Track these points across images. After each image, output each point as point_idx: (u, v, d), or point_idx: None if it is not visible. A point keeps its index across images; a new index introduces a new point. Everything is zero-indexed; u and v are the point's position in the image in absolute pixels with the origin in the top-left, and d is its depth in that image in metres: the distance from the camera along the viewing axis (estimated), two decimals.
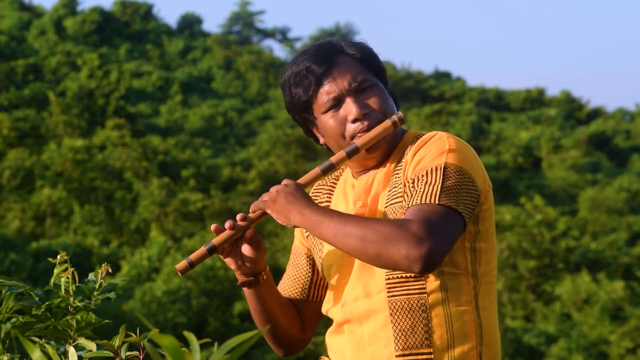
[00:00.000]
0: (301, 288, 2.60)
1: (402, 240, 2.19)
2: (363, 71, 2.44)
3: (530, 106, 67.37)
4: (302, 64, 2.44)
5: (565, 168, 52.03)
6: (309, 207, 2.33)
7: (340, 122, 2.43)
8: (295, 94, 2.46)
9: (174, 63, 66.32)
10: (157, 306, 27.86)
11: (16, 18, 64.60)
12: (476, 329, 2.35)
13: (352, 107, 2.41)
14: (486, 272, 2.39)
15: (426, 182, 2.29)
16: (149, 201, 36.77)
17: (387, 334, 2.34)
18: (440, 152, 2.33)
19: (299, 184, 2.39)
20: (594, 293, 33.39)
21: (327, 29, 73.99)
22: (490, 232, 2.40)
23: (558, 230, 36.62)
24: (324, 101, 2.43)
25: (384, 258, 2.21)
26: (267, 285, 2.53)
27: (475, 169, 2.34)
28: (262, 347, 26.77)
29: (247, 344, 1.36)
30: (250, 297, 2.54)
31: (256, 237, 2.46)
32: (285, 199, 2.35)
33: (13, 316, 2.25)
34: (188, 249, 32.34)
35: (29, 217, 36.48)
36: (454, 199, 2.26)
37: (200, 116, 54.75)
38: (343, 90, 2.42)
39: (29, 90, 50.19)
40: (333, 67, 2.43)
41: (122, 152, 40.20)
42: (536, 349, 30.41)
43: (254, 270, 2.50)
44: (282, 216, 2.35)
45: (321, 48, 2.46)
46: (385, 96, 2.45)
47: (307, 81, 2.43)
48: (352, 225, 2.25)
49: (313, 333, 2.63)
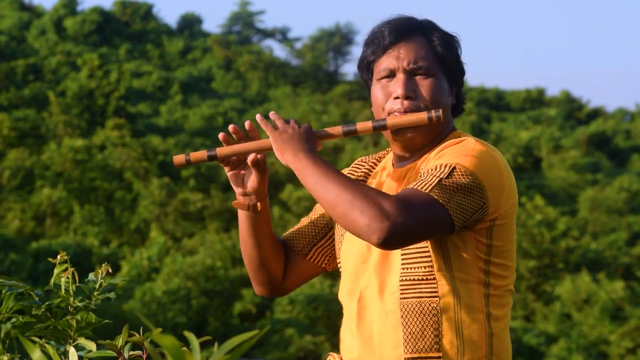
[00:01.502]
0: (305, 243, 2.59)
1: (369, 209, 2.19)
2: (431, 59, 2.44)
3: (530, 106, 67.36)
4: (380, 26, 2.47)
5: (565, 168, 52.04)
6: (304, 151, 2.34)
7: (386, 94, 2.44)
8: (364, 52, 2.49)
9: (174, 63, 66.32)
10: (157, 306, 27.86)
11: (16, 18, 64.59)
12: (486, 339, 2.33)
13: (399, 86, 2.42)
14: (500, 286, 2.37)
15: (429, 173, 2.30)
16: (149, 201, 36.77)
17: (397, 336, 2.33)
18: (459, 154, 2.32)
19: (312, 130, 2.40)
20: (594, 293, 33.40)
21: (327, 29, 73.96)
22: (507, 249, 2.37)
23: (558, 230, 36.63)
24: (381, 69, 2.45)
25: (348, 219, 2.22)
26: (262, 215, 2.52)
27: (491, 181, 2.31)
28: (262, 347, 26.77)
29: (247, 344, 1.36)
30: (242, 221, 2.54)
31: (262, 163, 2.47)
32: (290, 136, 2.37)
33: (13, 316, 2.25)
34: (188, 249, 32.36)
35: (29, 217, 36.48)
36: (446, 195, 2.25)
37: (200, 116, 54.75)
38: (400, 66, 2.43)
39: (29, 90, 50.18)
40: (404, 41, 2.44)
41: (122, 152, 40.20)
42: (536, 349, 30.41)
43: (254, 194, 2.51)
44: (278, 149, 2.37)
45: (405, 20, 2.48)
46: (440, 89, 2.43)
47: (376, 44, 2.46)
48: (334, 181, 2.27)
49: (295, 287, 2.62)
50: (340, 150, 42.20)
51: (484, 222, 2.33)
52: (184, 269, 29.21)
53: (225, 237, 31.80)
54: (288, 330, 27.14)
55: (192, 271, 29.11)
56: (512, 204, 2.37)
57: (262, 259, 2.55)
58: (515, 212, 2.39)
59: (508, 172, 2.36)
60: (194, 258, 29.92)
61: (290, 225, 33.01)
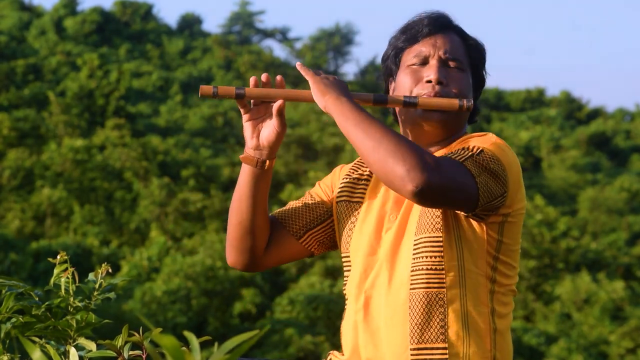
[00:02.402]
0: (301, 226, 2.56)
1: (411, 158, 2.20)
2: (465, 56, 2.48)
3: (530, 106, 67.37)
4: (420, 16, 2.50)
5: (565, 168, 52.04)
6: (347, 97, 2.34)
7: (416, 79, 2.45)
8: (397, 38, 2.50)
9: (174, 63, 66.33)
10: (157, 306, 27.86)
11: (16, 18, 64.60)
12: (491, 334, 2.34)
13: (433, 71, 2.44)
14: (504, 285, 2.39)
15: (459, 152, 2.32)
16: (149, 201, 36.78)
17: (404, 327, 2.34)
18: (484, 142, 2.36)
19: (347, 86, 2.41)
20: (594, 293, 33.40)
21: (327, 29, 73.99)
22: (514, 249, 2.40)
23: (558, 230, 36.64)
24: (414, 54, 2.46)
25: (386, 166, 2.22)
26: (265, 176, 2.49)
27: (512, 172, 2.35)
28: (262, 347, 26.78)
29: (247, 344, 1.36)
30: (243, 177, 2.49)
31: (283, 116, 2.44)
32: (332, 82, 2.38)
33: (13, 316, 2.25)
34: (188, 249, 32.36)
35: (29, 217, 36.48)
36: (477, 170, 2.28)
37: (200, 116, 54.75)
38: (435, 54, 2.45)
39: (29, 90, 50.17)
40: (441, 33, 2.47)
41: (122, 152, 40.20)
42: (536, 349, 30.41)
43: (264, 150, 2.47)
44: (319, 92, 2.36)
45: (445, 17, 2.51)
46: (469, 85, 2.47)
47: (413, 31, 2.48)
48: (376, 127, 2.27)
49: (273, 264, 2.57)
50: (341, 150, 42.21)
51: (498, 215, 2.35)
52: (184, 269, 29.21)
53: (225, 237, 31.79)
54: (288, 330, 27.14)
55: (192, 271, 29.11)
56: (523, 206, 2.41)
57: (253, 224, 2.50)
58: (524, 215, 2.42)
59: (521, 172, 2.41)
60: (194, 258, 29.92)
61: None
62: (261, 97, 2.42)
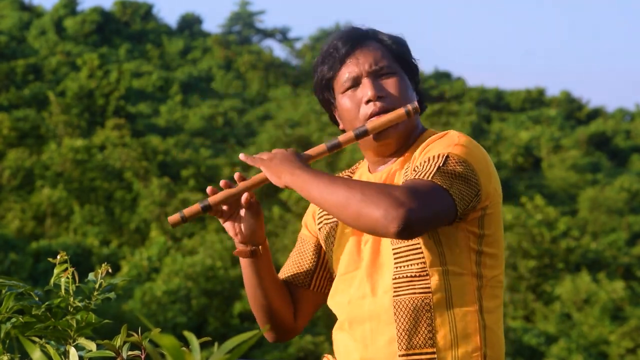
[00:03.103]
0: (304, 276, 2.59)
1: (383, 200, 2.19)
2: (388, 58, 2.46)
3: (530, 106, 67.37)
4: (331, 42, 2.48)
5: (565, 168, 52.04)
6: (300, 168, 2.34)
7: (356, 103, 2.44)
8: (320, 71, 2.49)
9: (174, 63, 66.33)
10: (157, 306, 27.85)
11: (16, 18, 64.60)
12: (480, 331, 2.34)
13: (368, 88, 2.42)
14: (491, 277, 2.38)
15: (425, 165, 2.31)
16: (149, 201, 36.78)
17: (391, 334, 2.34)
18: (447, 145, 2.34)
19: (298, 152, 2.41)
20: (594, 293, 33.39)
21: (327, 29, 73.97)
22: (496, 237, 2.39)
23: (558, 230, 36.63)
24: (344, 80, 2.46)
25: (362, 216, 2.21)
26: (264, 259, 2.52)
27: (481, 167, 2.34)
28: (262, 347, 26.77)
29: (247, 344, 1.36)
30: (245, 269, 2.53)
31: (256, 203, 2.47)
32: (280, 160, 2.37)
33: (13, 316, 2.25)
34: (188, 249, 32.36)
35: (29, 217, 36.48)
36: (447, 181, 2.27)
37: (200, 116, 54.75)
38: (363, 72, 2.44)
39: (29, 90, 50.18)
40: (358, 48, 2.46)
41: (122, 152, 40.21)
42: (536, 349, 30.41)
43: (252, 240, 2.50)
44: (273, 175, 2.36)
45: (353, 30, 2.50)
46: (405, 86, 2.46)
47: (332, 59, 2.47)
48: (340, 186, 2.26)
49: (306, 323, 2.62)
50: (340, 150, 42.19)
51: (477, 210, 2.35)
52: (184, 269, 29.21)
53: (225, 237, 31.80)
54: None
55: (192, 271, 29.10)
56: (499, 191, 2.40)
57: (272, 304, 2.55)
58: (501, 199, 2.42)
59: (490, 160, 2.40)
60: (194, 258, 29.92)
61: (291, 225, 33.00)
62: (225, 199, 2.44)
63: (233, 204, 2.48)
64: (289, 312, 2.57)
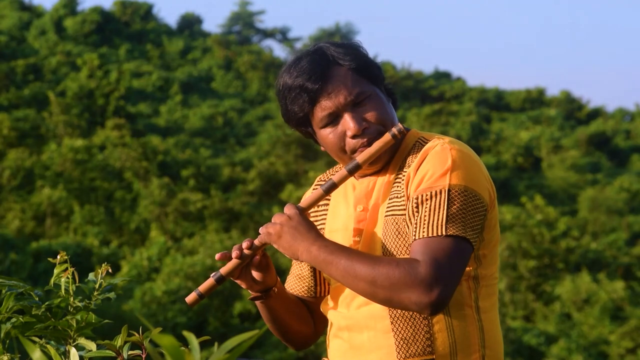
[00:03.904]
0: (307, 287, 2.59)
1: (411, 287, 2.17)
2: (358, 82, 2.36)
3: (530, 106, 67.36)
4: (296, 80, 2.36)
5: (565, 168, 52.04)
6: (315, 243, 2.29)
7: (340, 137, 2.37)
8: (290, 109, 2.39)
9: (174, 63, 66.32)
10: (157, 306, 27.85)
11: (16, 18, 64.59)
12: (478, 333, 2.34)
13: (350, 123, 2.34)
14: (487, 275, 2.37)
15: (430, 207, 2.24)
16: (149, 201, 36.77)
17: (389, 342, 2.33)
18: (443, 172, 2.27)
19: (302, 213, 2.34)
20: (594, 293, 33.38)
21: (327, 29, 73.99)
22: (493, 238, 2.37)
23: (558, 230, 36.61)
24: (321, 117, 2.37)
25: (394, 303, 2.21)
26: (278, 297, 2.51)
27: (480, 183, 2.30)
28: (262, 347, 26.77)
29: (247, 344, 1.36)
30: (262, 309, 2.53)
31: (265, 259, 2.44)
32: (290, 235, 2.31)
33: (13, 316, 2.25)
34: (188, 249, 32.35)
35: (29, 217, 36.48)
36: (460, 225, 2.22)
37: (200, 116, 54.75)
38: (339, 106, 2.35)
39: (29, 90, 50.18)
40: (327, 82, 2.35)
41: (122, 152, 40.20)
42: (536, 349, 30.40)
43: (265, 287, 2.49)
44: (288, 252, 2.32)
45: (314, 62, 2.37)
46: (383, 106, 2.38)
47: (301, 99, 2.36)
48: (362, 267, 2.22)
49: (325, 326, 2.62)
50: None
51: None
52: (184, 269, 29.20)
53: (225, 237, 31.79)
54: None
55: (192, 271, 29.10)
56: (494, 194, 2.36)
57: (292, 329, 2.56)
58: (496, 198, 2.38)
59: (481, 163, 2.36)
60: (194, 258, 29.92)
61: None
62: (235, 268, 2.41)
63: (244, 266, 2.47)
64: (309, 326, 2.59)
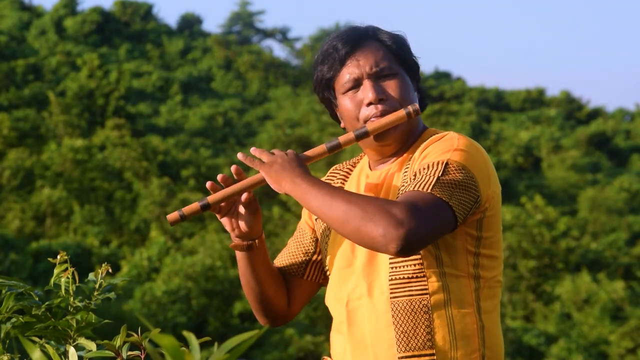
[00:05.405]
0: (298, 265, 2.60)
1: (382, 219, 2.18)
2: (389, 59, 2.45)
3: (530, 106, 67.36)
4: (331, 42, 2.47)
5: (565, 168, 52.05)
6: (301, 176, 2.33)
7: (357, 104, 2.44)
8: (320, 70, 2.48)
9: (174, 63, 66.32)
10: (157, 306, 27.85)
11: (16, 18, 64.59)
12: (478, 332, 2.34)
13: (369, 91, 2.42)
14: (489, 277, 2.38)
15: (424, 174, 2.29)
16: (149, 201, 36.77)
17: (390, 336, 2.34)
18: (446, 150, 2.33)
19: (299, 155, 2.40)
20: (594, 293, 33.39)
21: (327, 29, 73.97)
22: (495, 239, 2.38)
23: (558, 230, 36.61)
24: (344, 81, 2.45)
25: (362, 233, 2.21)
26: (259, 251, 2.53)
27: (481, 172, 2.33)
28: (262, 347, 26.77)
29: (247, 344, 1.36)
30: (241, 260, 2.55)
31: (254, 201, 2.48)
32: (281, 166, 2.36)
33: (13, 316, 2.25)
34: (188, 249, 32.36)
35: (29, 217, 36.47)
36: (447, 192, 2.25)
37: (200, 116, 54.76)
38: (364, 73, 2.43)
39: (29, 90, 50.16)
40: (359, 49, 2.45)
41: (122, 152, 40.20)
42: (536, 349, 30.41)
43: (249, 234, 2.51)
44: (273, 181, 2.36)
45: (353, 30, 2.49)
46: (407, 87, 2.45)
47: (331, 59, 2.46)
48: (339, 199, 2.25)
49: (299, 310, 2.63)
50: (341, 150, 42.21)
51: (476, 214, 2.35)
52: (184, 269, 29.20)
53: (225, 237, 31.79)
54: (288, 331, 27.14)
55: (192, 271, 29.10)
56: (498, 193, 2.39)
57: (266, 294, 2.57)
58: (500, 200, 2.41)
59: (490, 161, 2.39)
60: (194, 258, 29.91)
61: (291, 225, 33.01)
62: (224, 199, 2.44)
63: (231, 201, 2.49)
64: (282, 300, 2.59)
